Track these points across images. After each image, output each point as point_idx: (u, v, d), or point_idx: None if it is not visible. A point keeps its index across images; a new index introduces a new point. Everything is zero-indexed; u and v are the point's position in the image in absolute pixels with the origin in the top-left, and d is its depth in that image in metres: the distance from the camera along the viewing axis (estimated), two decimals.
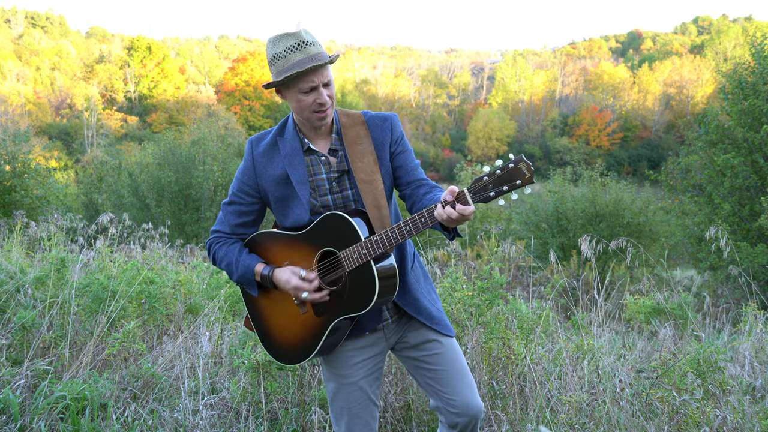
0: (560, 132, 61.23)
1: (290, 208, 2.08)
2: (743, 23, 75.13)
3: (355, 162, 2.05)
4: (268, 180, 2.08)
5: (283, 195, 2.08)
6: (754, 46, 12.47)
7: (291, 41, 1.91)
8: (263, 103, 60.20)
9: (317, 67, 1.89)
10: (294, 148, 2.07)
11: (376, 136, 2.09)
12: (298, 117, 2.05)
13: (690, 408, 2.67)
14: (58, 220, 7.24)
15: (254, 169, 2.10)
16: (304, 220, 2.06)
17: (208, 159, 18.92)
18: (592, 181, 17.16)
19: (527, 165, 1.74)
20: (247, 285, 2.13)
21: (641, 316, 5.16)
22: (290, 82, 1.93)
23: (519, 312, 3.61)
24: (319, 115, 1.98)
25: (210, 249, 2.17)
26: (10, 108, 48.49)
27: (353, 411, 2.14)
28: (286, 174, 2.06)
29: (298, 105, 1.97)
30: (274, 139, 2.10)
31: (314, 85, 1.92)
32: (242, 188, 2.12)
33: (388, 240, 1.89)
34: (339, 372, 2.14)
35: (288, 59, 1.90)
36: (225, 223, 2.16)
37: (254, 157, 2.10)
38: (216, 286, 4.89)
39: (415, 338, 2.16)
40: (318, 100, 1.94)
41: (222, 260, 2.14)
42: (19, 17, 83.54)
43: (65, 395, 2.99)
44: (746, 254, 10.26)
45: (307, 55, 1.90)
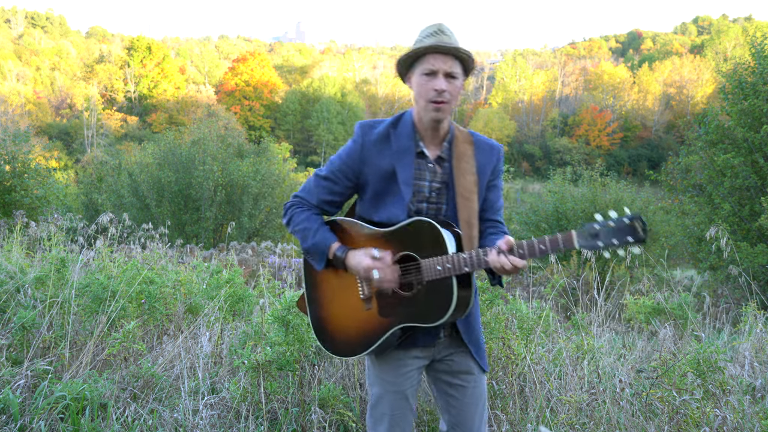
0: (560, 132, 61.21)
1: (386, 205, 2.04)
2: (743, 23, 75.12)
3: (459, 177, 2.04)
4: (373, 170, 2.04)
5: (383, 190, 2.04)
6: (754, 46, 12.47)
7: (431, 29, 1.96)
8: (263, 103, 60.22)
9: (440, 50, 1.90)
10: (407, 147, 2.03)
11: (481, 160, 2.09)
12: (418, 110, 2.02)
13: (690, 408, 2.67)
14: (58, 220, 7.25)
15: (362, 154, 2.04)
16: (398, 219, 2.02)
17: (208, 159, 18.92)
18: (592, 181, 17.15)
19: (643, 224, 1.71)
20: (315, 256, 2.07)
21: (641, 316, 5.15)
22: (416, 63, 1.95)
23: (519, 312, 3.61)
24: (434, 105, 1.93)
25: (289, 210, 2.12)
26: (10, 108, 48.48)
27: (394, 418, 2.13)
28: (394, 171, 2.02)
29: (418, 91, 1.96)
30: (387, 130, 2.05)
31: (434, 69, 1.91)
32: (343, 169, 2.06)
33: (478, 261, 1.88)
34: (388, 378, 2.11)
35: (421, 42, 1.94)
36: (313, 195, 2.11)
37: (364, 142, 2.04)
38: (216, 286, 4.90)
39: (457, 365, 2.15)
40: (435, 86, 1.91)
41: (300, 223, 2.08)
42: (19, 17, 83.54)
43: (65, 395, 2.98)
44: (746, 254, 10.26)
45: (439, 40, 1.91)
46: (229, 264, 7.58)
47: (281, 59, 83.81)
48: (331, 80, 64.18)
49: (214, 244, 17.77)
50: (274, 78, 64.18)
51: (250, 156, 23.26)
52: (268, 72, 62.94)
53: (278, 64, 77.63)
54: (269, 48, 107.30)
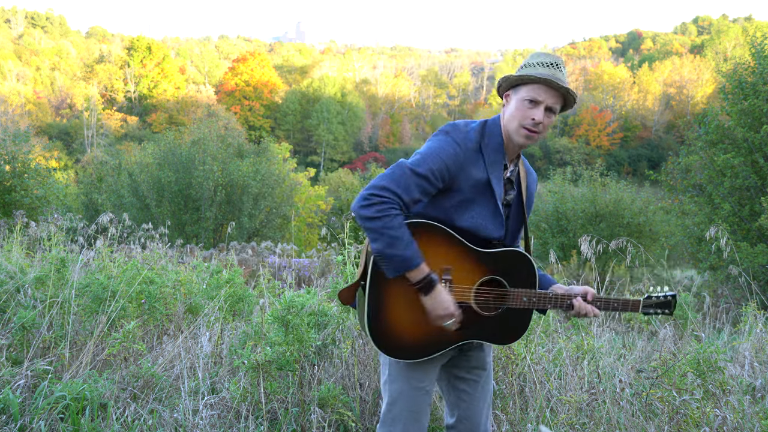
0: (560, 132, 61.24)
1: (471, 212, 2.04)
2: (743, 23, 75.14)
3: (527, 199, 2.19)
4: (468, 178, 2.01)
5: (472, 198, 2.03)
6: (754, 46, 12.48)
7: (548, 59, 2.01)
8: (263, 103, 60.25)
9: (552, 85, 1.96)
10: (498, 160, 2.05)
11: (530, 186, 2.23)
12: (505, 126, 2.05)
13: (690, 408, 2.68)
14: (58, 220, 7.25)
15: (462, 160, 2.00)
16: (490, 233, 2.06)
17: (208, 159, 18.93)
18: (592, 181, 17.16)
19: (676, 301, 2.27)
20: (393, 267, 1.94)
21: (641, 316, 5.15)
22: (520, 86, 2.01)
23: None
24: (525, 132, 1.99)
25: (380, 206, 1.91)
26: (10, 108, 48.51)
27: (414, 414, 2.12)
28: (487, 181, 2.03)
29: (513, 113, 2.01)
30: (479, 141, 2.05)
31: (539, 99, 1.97)
32: (442, 171, 1.98)
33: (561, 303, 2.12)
34: (414, 375, 2.10)
35: (535, 69, 1.99)
36: (407, 192, 1.95)
37: (466, 148, 2.01)
38: (216, 286, 4.90)
39: (475, 360, 2.22)
40: (534, 116, 1.97)
41: (392, 228, 1.90)
42: (19, 17, 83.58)
43: (65, 395, 2.99)
44: (746, 254, 10.26)
45: (552, 74, 1.97)
46: (229, 264, 7.58)
47: (281, 59, 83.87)
48: (331, 80, 64.20)
49: (214, 244, 17.78)
50: (274, 78, 64.21)
51: (250, 156, 23.26)
52: (268, 72, 62.96)
53: (278, 64, 77.68)
54: (269, 48, 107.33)
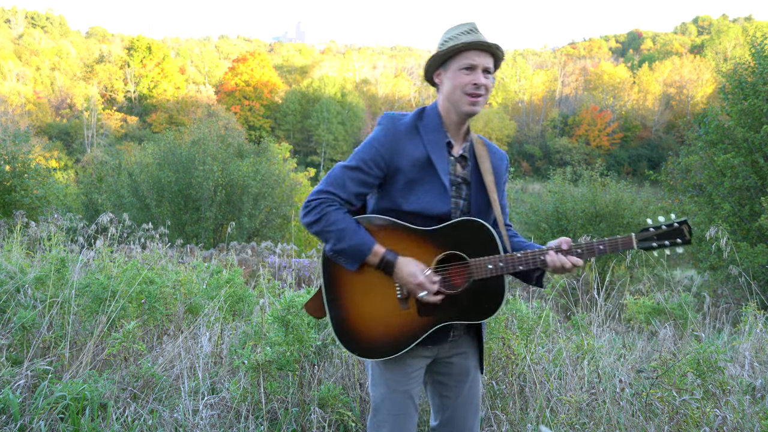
0: (560, 132, 61.22)
1: (418, 194, 2.01)
2: (743, 23, 75.13)
3: (485, 176, 2.11)
4: (406, 159, 2.01)
5: (416, 178, 2.01)
6: (754, 46, 12.47)
7: (464, 27, 2.02)
8: (263, 103, 60.21)
9: (481, 46, 1.97)
10: (438, 137, 2.04)
11: (495, 164, 2.16)
12: (447, 103, 2.05)
13: (690, 408, 2.67)
14: (58, 220, 7.25)
15: (394, 143, 2.02)
16: (438, 209, 2.01)
17: (208, 159, 18.92)
18: (592, 181, 17.16)
19: (689, 228, 1.97)
20: (351, 258, 1.99)
21: (641, 316, 5.16)
22: (451, 59, 2.00)
23: (519, 312, 3.61)
24: (470, 99, 1.99)
25: (317, 208, 1.98)
26: (10, 108, 48.49)
27: (399, 418, 2.10)
28: (427, 158, 2.01)
29: (453, 83, 2.00)
30: (414, 122, 2.06)
31: (474, 64, 1.98)
32: (375, 158, 2.00)
33: (533, 260, 1.98)
34: (395, 378, 2.08)
35: (458, 39, 1.99)
36: (343, 188, 2.00)
37: (395, 131, 2.03)
38: (216, 286, 4.90)
39: (457, 368, 2.17)
40: (475, 80, 1.97)
41: (334, 223, 1.96)
42: (19, 17, 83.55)
43: (65, 395, 2.99)
44: (746, 254, 10.26)
45: (477, 38, 1.99)
46: (229, 264, 7.58)
47: (281, 59, 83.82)
48: (331, 80, 64.16)
49: (214, 244, 17.78)
50: (274, 78, 64.18)
51: (250, 156, 23.25)
52: (268, 72, 62.94)
53: (278, 64, 77.64)
54: (269, 48, 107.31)
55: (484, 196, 2.10)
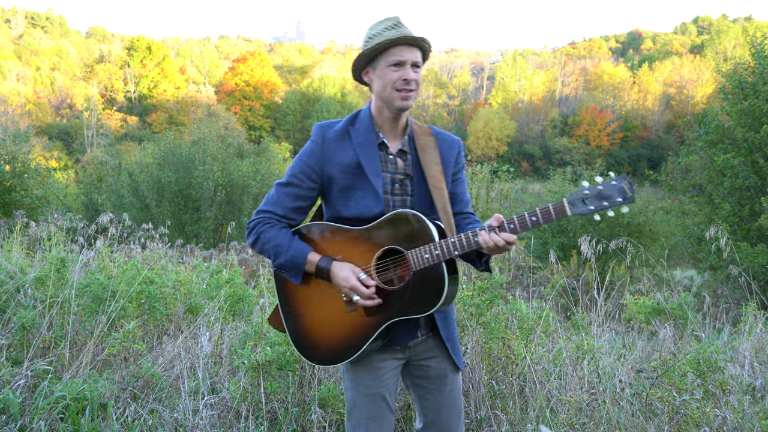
0: (560, 132, 61.20)
1: (355, 199, 2.02)
2: (743, 23, 75.12)
3: (426, 168, 2.06)
4: (337, 167, 2.02)
5: (350, 184, 2.02)
6: (754, 46, 12.46)
7: (388, 23, 1.99)
8: (263, 103, 60.20)
9: (409, 42, 1.95)
10: (368, 140, 2.04)
11: (444, 152, 2.12)
12: (379, 101, 2.03)
13: (690, 408, 2.67)
14: (58, 220, 7.25)
15: (323, 153, 2.03)
16: (374, 211, 2.00)
17: (208, 159, 18.92)
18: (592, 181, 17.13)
19: (629, 184, 1.79)
20: (292, 272, 2.03)
21: (641, 316, 5.15)
22: (379, 56, 1.97)
23: (519, 312, 3.61)
24: (402, 94, 1.97)
25: (255, 228, 2.05)
26: (10, 108, 48.47)
27: (373, 421, 2.10)
28: (358, 163, 2.01)
29: (383, 81, 1.97)
30: (346, 127, 2.06)
31: (403, 60, 1.95)
32: (305, 170, 2.04)
33: (468, 243, 1.89)
34: (364, 382, 2.09)
35: (383, 35, 1.96)
36: (278, 204, 2.06)
37: (324, 141, 2.03)
38: (216, 286, 4.90)
39: (434, 371, 2.15)
40: (404, 75, 1.95)
41: (269, 241, 2.02)
42: (19, 17, 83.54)
43: (65, 395, 2.99)
44: (746, 254, 10.25)
45: (402, 32, 1.96)
46: (229, 264, 7.58)
47: (281, 59, 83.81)
48: (331, 80, 64.17)
49: (214, 244, 17.77)
50: (274, 78, 64.17)
51: (250, 156, 23.27)
52: (268, 72, 62.93)
53: (278, 64, 77.63)
54: (269, 48, 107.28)
55: (426, 189, 2.06)
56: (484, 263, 2.03)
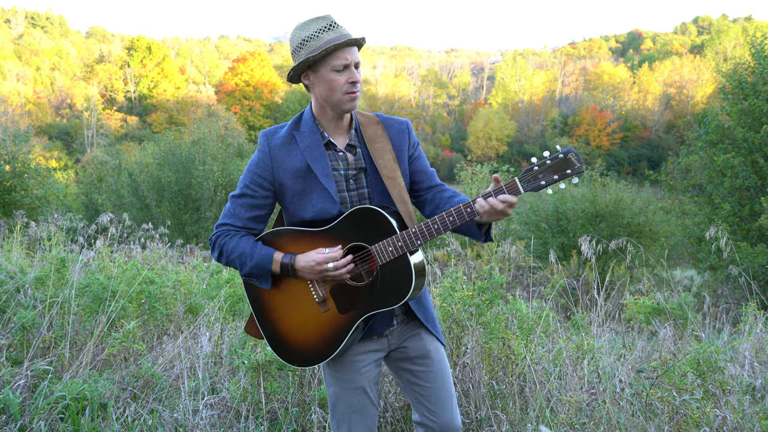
0: (560, 132, 61.20)
1: (311, 202, 2.03)
2: (743, 23, 75.12)
3: (377, 159, 2.06)
4: (286, 173, 2.03)
5: (303, 188, 2.03)
6: (754, 46, 12.47)
7: (322, 23, 1.95)
8: (263, 103, 60.22)
9: (351, 44, 1.93)
10: (314, 141, 2.04)
11: (394, 138, 2.12)
12: (324, 103, 2.02)
13: (690, 408, 2.67)
14: (58, 220, 7.25)
15: (271, 161, 2.04)
16: (331, 212, 2.01)
17: (208, 159, 18.92)
18: (592, 181, 17.15)
19: (576, 155, 1.81)
20: (260, 277, 2.05)
21: (641, 316, 5.16)
22: (321, 60, 1.94)
23: (519, 312, 3.61)
24: (350, 95, 1.96)
25: (216, 242, 2.07)
26: (10, 108, 48.48)
27: (356, 414, 2.11)
28: (307, 166, 2.02)
29: (329, 86, 1.96)
30: (291, 132, 2.06)
31: (347, 63, 1.93)
32: (256, 180, 2.05)
33: (428, 231, 1.91)
34: (344, 376, 2.10)
35: (320, 38, 1.93)
36: (235, 216, 2.08)
37: (271, 148, 2.04)
38: (216, 286, 4.90)
39: (414, 350, 2.16)
40: (350, 78, 1.94)
41: (233, 251, 2.04)
42: (19, 17, 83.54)
43: (65, 395, 2.99)
44: (746, 254, 10.26)
45: (340, 34, 1.94)
46: None
47: (281, 59, 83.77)
48: None
49: None
50: (274, 78, 64.18)
51: (250, 156, 23.25)
52: (268, 72, 62.94)
53: (278, 64, 77.61)
54: (269, 48, 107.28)
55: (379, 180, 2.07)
56: (485, 233, 2.01)
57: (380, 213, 1.94)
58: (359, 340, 2.08)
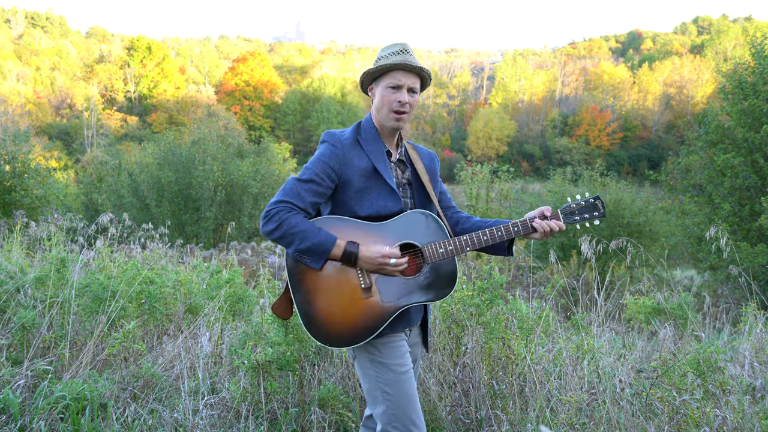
0: (560, 132, 61.21)
1: (372, 199, 2.21)
2: (743, 23, 75.11)
3: (421, 176, 2.35)
4: (354, 169, 2.20)
5: (366, 186, 2.21)
6: (754, 46, 12.47)
7: (396, 48, 2.24)
8: (263, 103, 60.21)
9: (407, 68, 2.18)
10: (378, 147, 2.26)
11: (426, 163, 2.43)
12: (377, 117, 2.27)
13: (690, 408, 2.67)
14: (58, 220, 7.25)
15: (343, 155, 2.20)
16: (392, 210, 2.22)
17: (208, 159, 18.92)
18: (592, 181, 17.16)
19: (602, 202, 2.29)
20: (315, 256, 2.13)
21: (641, 316, 5.16)
22: (381, 77, 2.23)
23: (519, 312, 3.61)
24: (395, 115, 2.22)
25: (276, 215, 2.12)
26: (10, 108, 48.47)
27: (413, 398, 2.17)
28: (372, 167, 2.21)
29: (381, 100, 2.23)
30: (354, 135, 2.27)
31: (400, 84, 2.19)
32: (326, 170, 2.19)
33: (478, 241, 2.20)
34: (395, 361, 2.19)
35: (388, 59, 2.21)
36: (299, 198, 2.17)
37: (342, 145, 2.22)
38: (216, 286, 4.90)
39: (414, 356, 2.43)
40: (399, 98, 2.19)
41: (295, 226, 2.11)
42: (19, 17, 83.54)
43: (65, 395, 2.99)
44: (746, 254, 10.26)
45: (404, 59, 2.20)
46: (229, 264, 7.59)
47: (281, 59, 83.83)
48: (331, 80, 64.17)
49: (214, 244, 17.78)
50: (274, 78, 64.18)
51: (250, 156, 23.26)
52: (268, 72, 62.94)
53: (278, 64, 77.66)
54: (269, 48, 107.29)
55: (425, 193, 2.36)
56: (507, 248, 2.33)
57: (436, 219, 2.23)
58: (395, 331, 2.23)
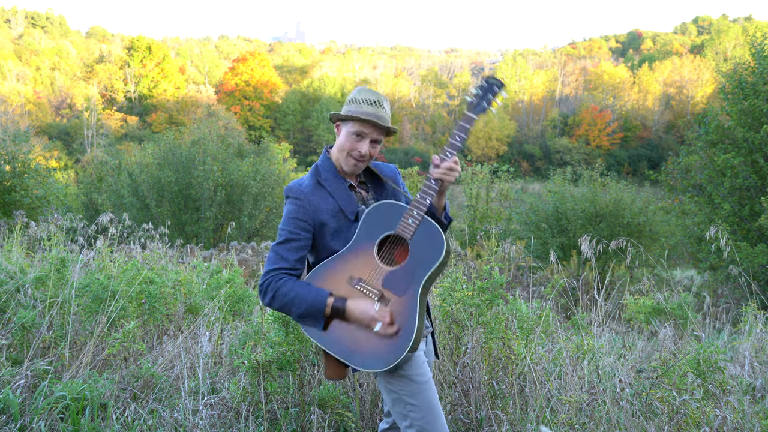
0: (560, 132, 61.21)
1: (347, 237, 2.25)
2: (743, 23, 75.12)
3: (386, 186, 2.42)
4: (323, 212, 2.24)
5: (339, 225, 2.25)
6: (754, 46, 12.47)
7: (372, 97, 2.28)
8: (263, 103, 60.21)
9: (375, 124, 2.23)
10: (339, 186, 2.30)
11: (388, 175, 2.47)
12: (337, 155, 2.31)
13: (690, 408, 2.67)
14: (58, 220, 7.25)
15: (309, 204, 2.24)
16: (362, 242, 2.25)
17: (208, 159, 18.90)
18: (592, 181, 17.16)
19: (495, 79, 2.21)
20: (313, 319, 2.16)
21: (641, 316, 5.16)
22: (349, 122, 2.26)
23: (519, 312, 3.61)
24: (352, 161, 2.27)
25: (269, 286, 2.17)
26: (10, 108, 48.46)
27: (437, 408, 2.17)
28: (339, 207, 2.26)
29: (344, 143, 2.27)
30: (315, 180, 2.30)
31: (364, 134, 2.24)
32: (298, 225, 2.23)
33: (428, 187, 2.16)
34: (416, 371, 2.19)
35: (361, 106, 2.25)
36: (284, 260, 2.21)
37: (305, 196, 2.25)
38: (216, 286, 4.90)
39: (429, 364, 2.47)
40: (360, 149, 2.24)
41: (288, 293, 2.16)
42: (19, 17, 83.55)
43: (65, 395, 2.99)
44: (746, 254, 10.26)
45: (376, 113, 2.24)
46: (229, 264, 7.59)
47: (281, 59, 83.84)
48: (331, 80, 64.18)
49: (214, 244, 17.77)
50: (274, 78, 64.18)
51: (250, 156, 23.23)
52: (268, 72, 62.94)
53: (278, 64, 77.66)
54: (269, 48, 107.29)
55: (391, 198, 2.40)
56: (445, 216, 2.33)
57: (385, 202, 2.23)
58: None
